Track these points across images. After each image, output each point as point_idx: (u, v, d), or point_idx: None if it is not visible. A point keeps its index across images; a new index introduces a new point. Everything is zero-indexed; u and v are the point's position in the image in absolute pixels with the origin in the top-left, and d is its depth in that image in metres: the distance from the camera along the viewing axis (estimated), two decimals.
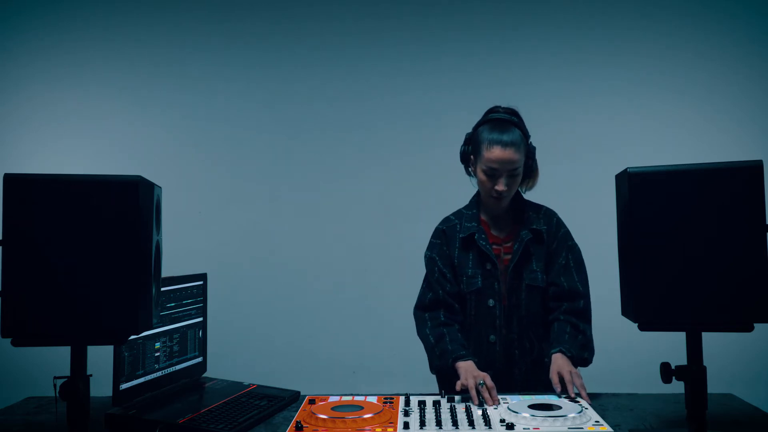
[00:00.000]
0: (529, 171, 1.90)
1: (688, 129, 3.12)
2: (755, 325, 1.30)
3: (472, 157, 1.91)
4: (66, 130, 3.26)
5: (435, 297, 1.92)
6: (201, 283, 1.92)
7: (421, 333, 1.91)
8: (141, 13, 3.30)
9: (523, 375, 1.88)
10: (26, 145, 3.26)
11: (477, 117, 1.92)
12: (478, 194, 1.98)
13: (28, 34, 3.29)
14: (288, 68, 3.28)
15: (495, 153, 1.81)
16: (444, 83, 3.22)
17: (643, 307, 1.33)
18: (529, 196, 2.00)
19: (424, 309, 1.93)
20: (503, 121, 1.85)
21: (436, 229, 2.00)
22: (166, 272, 1.52)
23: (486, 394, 1.61)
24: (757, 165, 1.30)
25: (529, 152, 1.88)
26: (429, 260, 1.96)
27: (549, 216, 1.96)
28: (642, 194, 1.33)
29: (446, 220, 2.00)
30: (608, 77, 3.18)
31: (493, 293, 1.89)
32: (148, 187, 1.31)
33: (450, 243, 1.94)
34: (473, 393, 1.62)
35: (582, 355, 1.80)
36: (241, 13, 3.30)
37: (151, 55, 3.29)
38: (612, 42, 3.19)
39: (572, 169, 3.13)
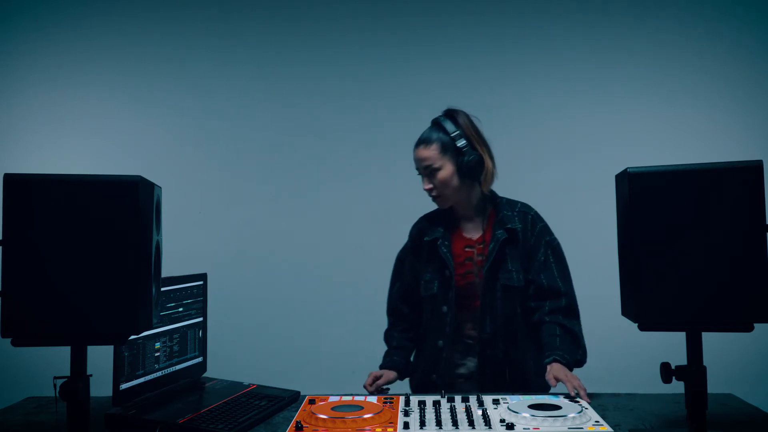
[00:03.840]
0: (467, 170, 1.82)
1: (688, 129, 3.12)
2: (755, 325, 1.30)
3: None
4: (66, 130, 3.25)
5: (392, 307, 2.09)
6: (201, 283, 1.92)
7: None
8: (141, 13, 3.30)
9: (495, 376, 1.85)
10: (26, 145, 3.26)
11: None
12: None
13: (28, 34, 3.28)
14: (288, 68, 3.28)
15: (415, 152, 1.90)
16: (444, 83, 3.22)
17: (643, 307, 1.33)
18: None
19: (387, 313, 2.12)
20: (432, 122, 1.91)
21: (411, 228, 2.06)
22: (166, 272, 1.52)
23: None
24: (757, 165, 1.30)
25: (455, 151, 1.82)
26: (396, 260, 2.09)
27: (524, 213, 1.91)
28: (642, 194, 1.33)
29: (421, 219, 2.04)
30: (608, 77, 3.18)
31: (447, 300, 1.88)
32: (148, 187, 1.31)
33: (416, 244, 2.01)
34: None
35: (575, 357, 1.79)
36: (241, 13, 3.30)
37: (151, 55, 3.29)
38: (612, 42, 3.19)
39: (572, 169, 3.12)
